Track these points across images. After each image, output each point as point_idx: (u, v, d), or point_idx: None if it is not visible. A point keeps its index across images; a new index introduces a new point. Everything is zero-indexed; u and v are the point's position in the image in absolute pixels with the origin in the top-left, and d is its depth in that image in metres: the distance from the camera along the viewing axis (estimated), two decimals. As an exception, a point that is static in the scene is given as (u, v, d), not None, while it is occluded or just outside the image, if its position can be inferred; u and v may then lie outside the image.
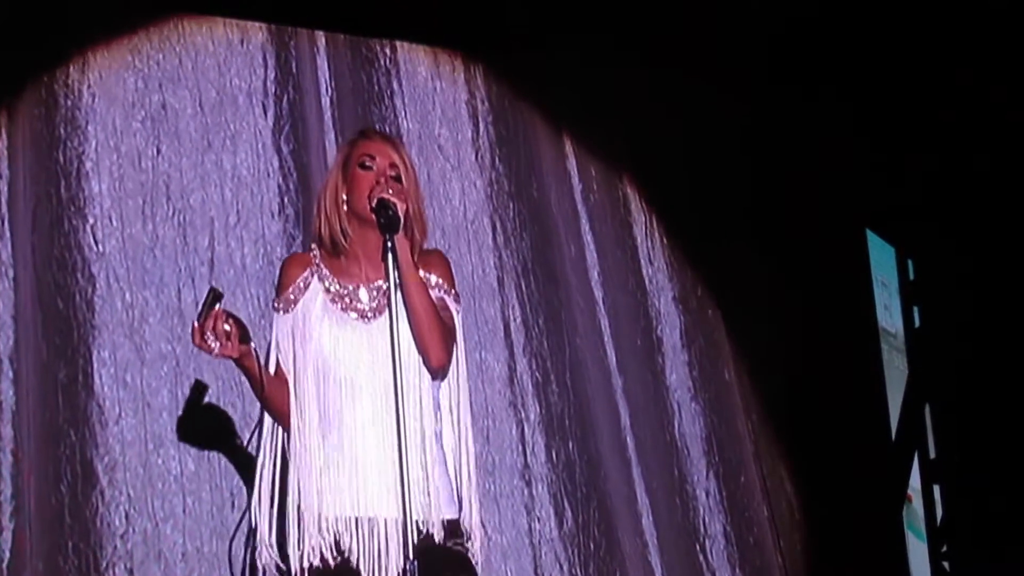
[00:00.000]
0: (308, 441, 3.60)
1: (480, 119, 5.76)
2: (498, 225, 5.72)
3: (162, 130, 5.13)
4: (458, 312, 3.68)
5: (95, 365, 4.85)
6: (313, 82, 5.45)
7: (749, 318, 6.08)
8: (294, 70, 5.40)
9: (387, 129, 5.35)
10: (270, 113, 5.31)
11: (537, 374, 5.63)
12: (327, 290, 3.67)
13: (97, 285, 4.91)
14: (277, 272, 3.81)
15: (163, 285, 5.01)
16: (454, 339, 3.65)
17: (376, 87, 5.57)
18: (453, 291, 3.71)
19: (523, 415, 5.56)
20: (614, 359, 5.83)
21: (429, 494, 3.59)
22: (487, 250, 5.65)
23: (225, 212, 5.17)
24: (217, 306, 3.45)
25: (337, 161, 3.76)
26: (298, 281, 3.71)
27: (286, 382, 3.66)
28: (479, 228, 5.66)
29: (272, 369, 3.67)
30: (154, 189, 5.09)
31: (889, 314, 6.41)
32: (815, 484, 6.10)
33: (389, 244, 3.50)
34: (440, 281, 3.69)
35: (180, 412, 4.91)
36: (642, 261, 6.02)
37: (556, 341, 5.70)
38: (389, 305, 3.48)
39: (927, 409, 6.35)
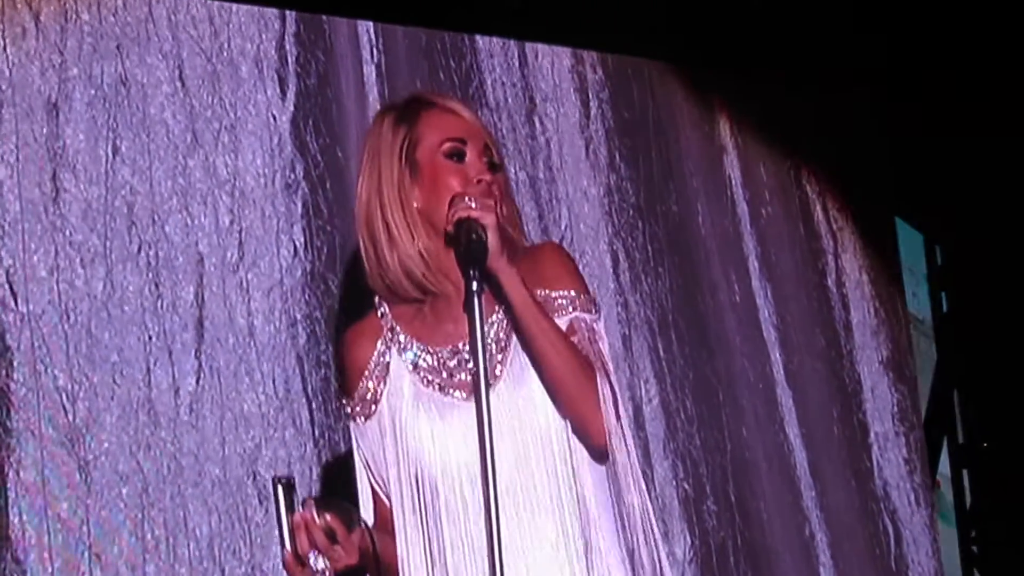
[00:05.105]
0: None
1: (591, 95, 5.12)
2: (622, 255, 5.12)
3: (122, 118, 4.48)
4: (602, 338, 3.04)
5: (12, 495, 4.17)
6: (351, 44, 4.82)
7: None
8: (324, 26, 4.76)
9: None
10: (290, 91, 4.66)
11: (685, 485, 5.05)
12: (414, 366, 3.10)
13: (16, 365, 4.22)
14: (335, 357, 3.62)
15: (123, 363, 4.33)
16: (614, 392, 3.06)
17: (440, 50, 4.92)
18: (583, 297, 3.05)
19: (667, 547, 4.83)
20: (803, 458, 5.24)
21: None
22: (606, 292, 5.04)
23: (221, 245, 4.53)
24: (297, 504, 2.91)
25: (386, 145, 3.08)
26: (370, 365, 3.13)
27: (389, 521, 3.10)
28: (594, 259, 5.07)
29: (366, 507, 3.14)
30: (109, 211, 4.43)
31: (917, 300, 6.61)
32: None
33: (475, 286, 2.86)
34: (559, 292, 3.04)
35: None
36: (835, 307, 5.42)
37: (713, 434, 5.12)
38: (476, 378, 2.85)
39: (955, 395, 6.64)
